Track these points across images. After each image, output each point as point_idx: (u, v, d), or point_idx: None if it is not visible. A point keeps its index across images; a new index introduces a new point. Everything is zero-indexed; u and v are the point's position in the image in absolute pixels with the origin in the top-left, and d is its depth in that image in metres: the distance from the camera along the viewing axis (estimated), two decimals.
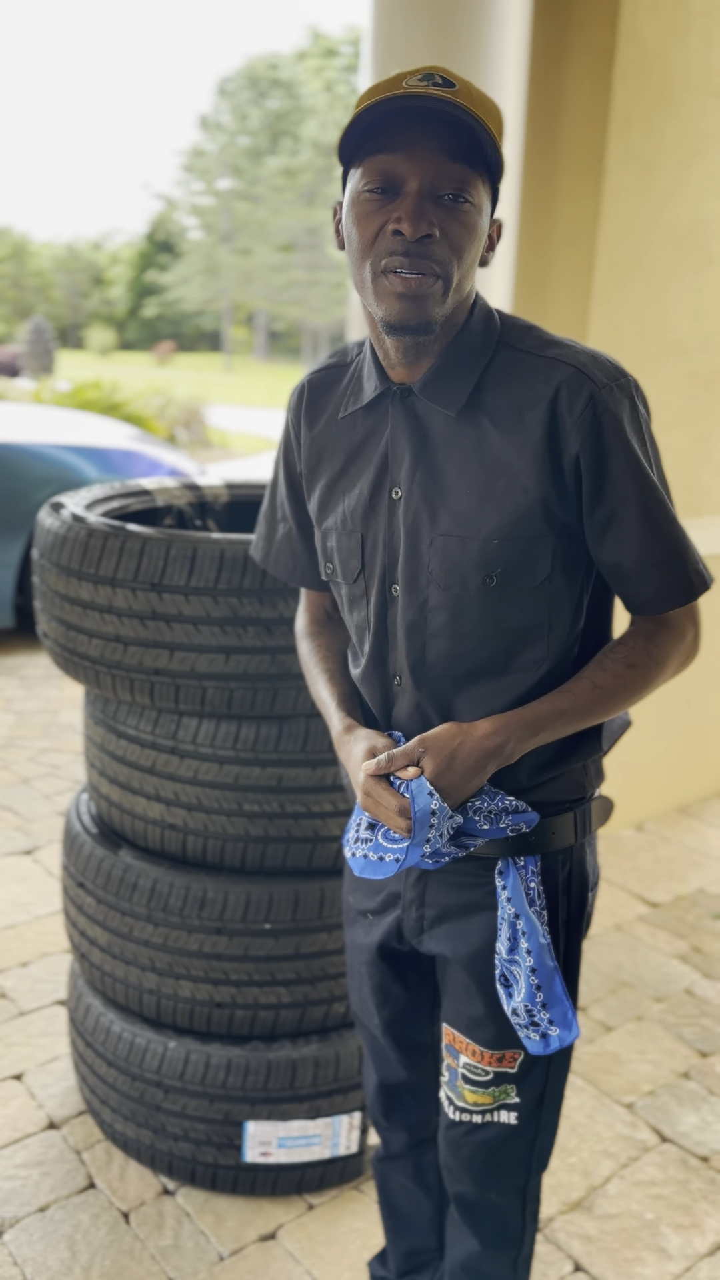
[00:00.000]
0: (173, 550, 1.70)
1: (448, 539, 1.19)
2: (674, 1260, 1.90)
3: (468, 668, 1.23)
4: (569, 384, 1.14)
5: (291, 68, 45.21)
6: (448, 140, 1.10)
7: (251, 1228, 1.93)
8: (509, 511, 1.16)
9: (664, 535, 1.18)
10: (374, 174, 1.11)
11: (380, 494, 1.25)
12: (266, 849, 1.85)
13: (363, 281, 1.16)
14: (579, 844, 1.31)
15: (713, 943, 2.92)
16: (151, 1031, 1.94)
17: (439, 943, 1.36)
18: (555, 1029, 1.25)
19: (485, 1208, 1.41)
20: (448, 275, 1.12)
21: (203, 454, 14.08)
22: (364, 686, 1.33)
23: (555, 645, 1.23)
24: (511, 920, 1.26)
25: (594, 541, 1.19)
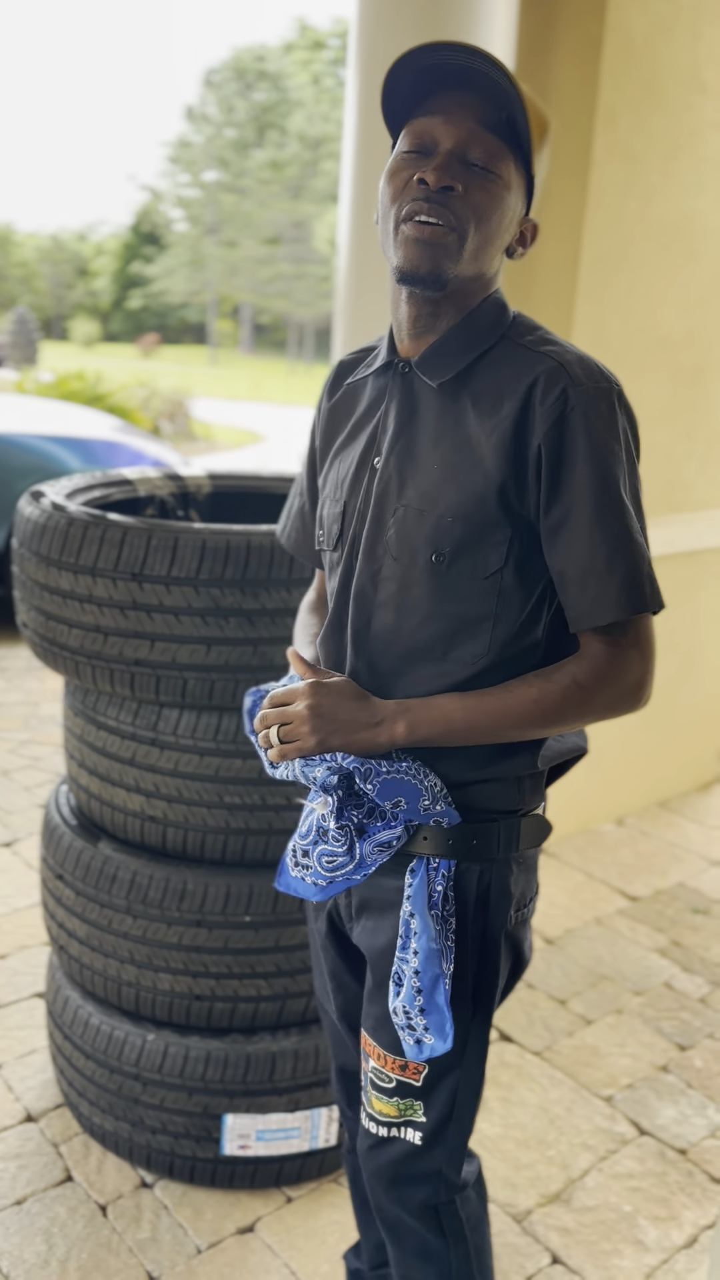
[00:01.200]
0: (154, 540, 1.69)
1: (408, 510, 1.21)
2: (651, 1252, 1.90)
3: (407, 645, 1.23)
4: (546, 375, 1.15)
5: (278, 60, 45.02)
6: (485, 111, 1.14)
7: (230, 1220, 1.92)
8: (467, 491, 1.17)
9: (613, 543, 1.14)
10: (414, 137, 1.17)
11: (366, 462, 1.27)
12: (247, 841, 1.84)
13: (386, 234, 1.19)
14: (502, 859, 1.27)
15: (692, 936, 2.93)
16: (130, 1024, 1.93)
17: (359, 936, 1.35)
18: (430, 1036, 1.22)
19: (400, 1226, 1.38)
20: (463, 231, 1.14)
21: (187, 446, 14.03)
22: (321, 650, 1.35)
23: (497, 644, 1.21)
24: (407, 918, 1.23)
25: (547, 546, 1.17)
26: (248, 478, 2.37)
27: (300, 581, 1.73)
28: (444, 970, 1.22)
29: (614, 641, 1.17)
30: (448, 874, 1.24)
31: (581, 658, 1.18)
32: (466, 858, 1.25)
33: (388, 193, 1.18)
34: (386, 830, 1.24)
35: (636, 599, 1.14)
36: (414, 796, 1.22)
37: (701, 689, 3.80)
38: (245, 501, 2.36)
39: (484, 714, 1.18)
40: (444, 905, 1.24)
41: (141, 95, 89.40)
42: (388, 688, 1.25)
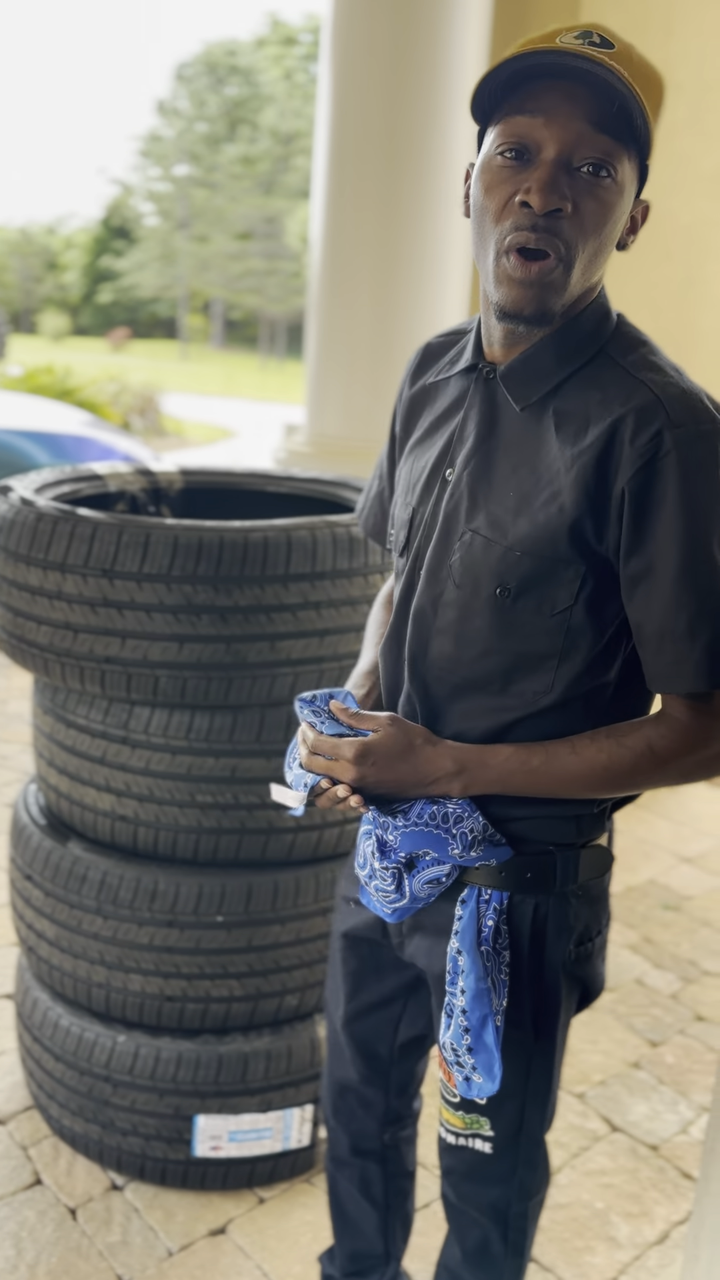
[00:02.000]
0: (125, 536, 1.67)
1: (475, 536, 1.12)
2: (624, 1249, 1.91)
3: (464, 676, 1.16)
4: (641, 411, 1.03)
5: (250, 55, 44.85)
6: (593, 106, 1.00)
7: (201, 1222, 1.91)
8: (540, 526, 1.07)
9: (698, 607, 1.02)
10: (510, 136, 1.03)
11: (439, 471, 1.19)
12: (219, 840, 1.83)
13: (483, 255, 1.08)
14: (559, 892, 1.20)
15: (662, 933, 2.95)
16: (101, 1025, 1.91)
17: (414, 954, 1.30)
18: (478, 1076, 1.18)
19: (466, 1219, 1.36)
20: (571, 259, 1.04)
21: (157, 442, 13.95)
22: (381, 660, 1.29)
23: (563, 684, 1.12)
24: (454, 955, 1.18)
25: (625, 593, 1.07)
26: (220, 474, 2.35)
27: (274, 579, 1.72)
28: (493, 1009, 1.16)
29: (698, 708, 1.07)
30: (500, 906, 1.18)
31: (660, 720, 1.09)
32: (520, 890, 1.18)
33: (487, 207, 1.06)
34: (435, 867, 1.19)
35: (718, 671, 1.04)
36: (440, 846, 1.16)
37: None
38: (218, 498, 2.34)
39: (546, 776, 1.11)
40: (495, 939, 1.18)
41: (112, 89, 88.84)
42: (441, 715, 1.20)
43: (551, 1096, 1.29)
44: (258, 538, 1.71)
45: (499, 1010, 1.17)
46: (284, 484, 2.32)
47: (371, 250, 2.81)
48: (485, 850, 1.16)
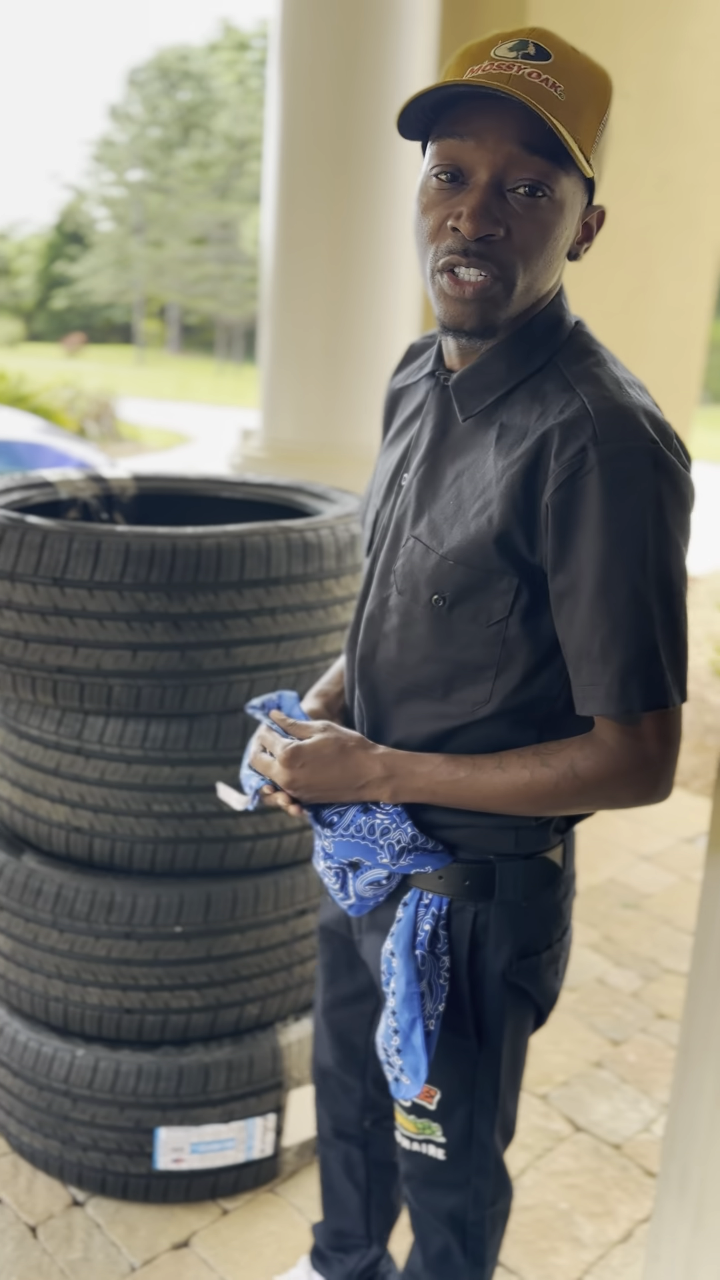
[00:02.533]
0: (75, 543, 1.65)
1: (417, 544, 1.13)
2: (588, 1249, 1.91)
3: (408, 681, 1.16)
4: (569, 425, 1.01)
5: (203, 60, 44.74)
6: (524, 128, 0.98)
7: (164, 1236, 1.89)
8: (470, 537, 1.07)
9: (612, 631, 1.00)
10: (443, 159, 1.03)
11: (398, 475, 1.20)
12: (177, 850, 1.81)
13: (423, 271, 1.08)
14: (501, 901, 1.19)
15: (623, 931, 2.97)
16: (59, 1040, 1.88)
17: (368, 952, 1.32)
18: (405, 1077, 1.18)
19: (427, 1226, 1.36)
20: (510, 278, 1.03)
21: (114, 447, 13.86)
22: (344, 659, 1.30)
23: (500, 695, 1.11)
24: (388, 956, 1.19)
25: (554, 610, 1.06)
26: (174, 479, 2.33)
27: (228, 585, 1.70)
28: (424, 1013, 1.16)
29: (624, 730, 1.04)
30: (439, 912, 1.18)
31: (587, 742, 1.07)
32: (460, 897, 1.19)
33: (422, 228, 1.06)
34: (375, 869, 1.20)
35: (631, 695, 1.01)
36: (370, 855, 1.18)
37: None
38: (172, 504, 2.32)
39: (470, 790, 1.11)
40: (433, 943, 1.18)
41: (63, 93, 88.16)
42: (386, 719, 1.21)
43: (501, 1106, 1.28)
44: (211, 544, 1.70)
45: (433, 1015, 1.17)
46: (239, 489, 2.31)
47: (324, 254, 2.81)
48: (416, 858, 1.17)
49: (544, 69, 0.99)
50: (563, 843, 1.24)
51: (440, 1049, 1.22)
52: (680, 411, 3.74)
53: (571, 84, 1.00)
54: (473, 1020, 1.22)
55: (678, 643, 1.03)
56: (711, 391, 28.24)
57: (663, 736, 1.04)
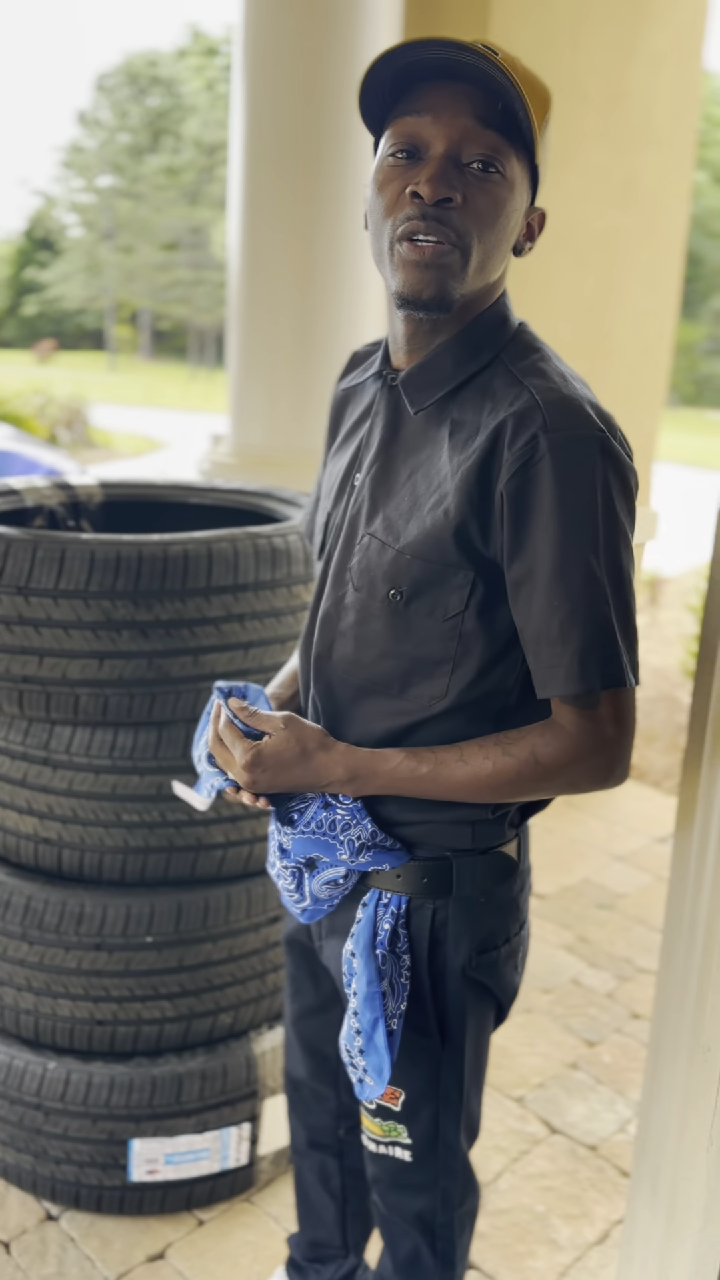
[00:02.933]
0: (40, 551, 1.64)
1: (373, 540, 1.14)
2: (564, 1251, 1.91)
3: (365, 678, 1.17)
4: (520, 416, 1.04)
5: (172, 65, 44.68)
6: (479, 103, 1.03)
7: (139, 1249, 1.87)
8: (428, 531, 1.09)
9: (570, 610, 1.03)
10: (400, 137, 1.06)
11: (349, 476, 1.22)
12: (147, 860, 1.80)
13: (380, 251, 1.10)
14: (459, 897, 1.20)
15: (597, 932, 2.98)
16: (30, 1053, 1.87)
17: (329, 959, 1.32)
18: (369, 1078, 1.18)
19: (396, 1229, 1.37)
20: (466, 246, 1.05)
21: (86, 454, 13.80)
22: (299, 660, 1.31)
23: (457, 689, 1.13)
24: (349, 956, 1.19)
25: (511, 599, 1.08)
26: (142, 486, 2.32)
27: (195, 592, 1.70)
28: (385, 1013, 1.16)
29: (582, 714, 1.06)
30: (398, 910, 1.19)
31: (547, 729, 1.09)
32: (419, 894, 1.19)
33: (379, 205, 1.08)
34: (333, 869, 1.20)
35: (589, 675, 1.03)
36: (329, 851, 1.18)
37: None
38: (140, 511, 2.31)
39: (434, 782, 1.12)
40: (393, 943, 1.18)
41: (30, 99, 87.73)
42: (343, 717, 1.21)
43: (465, 1105, 1.29)
44: (178, 551, 1.69)
45: (395, 1014, 1.17)
46: (207, 495, 2.30)
47: (290, 259, 2.81)
48: (375, 855, 1.18)
49: (482, 56, 1.02)
50: (518, 836, 1.25)
51: (403, 1049, 1.22)
52: (648, 414, 3.76)
53: (520, 77, 1.03)
54: (435, 1018, 1.23)
55: (629, 624, 1.06)
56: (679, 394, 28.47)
57: (619, 719, 1.07)
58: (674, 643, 6.18)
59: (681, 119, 3.54)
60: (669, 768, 4.27)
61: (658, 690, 5.29)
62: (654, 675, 5.54)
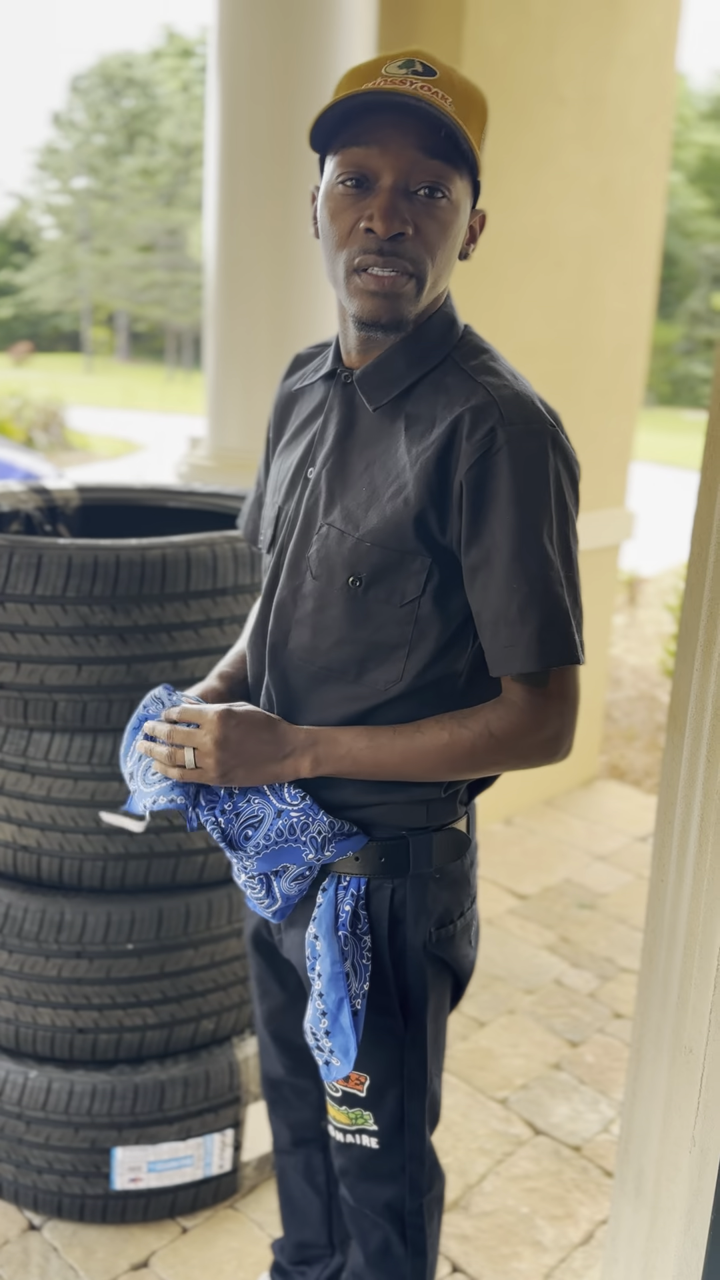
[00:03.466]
0: (15, 557, 1.62)
1: (331, 530, 1.18)
2: (549, 1252, 1.92)
3: (321, 665, 1.21)
4: (477, 410, 1.11)
5: (147, 67, 44.55)
6: (423, 134, 1.08)
7: (123, 1257, 1.86)
8: (388, 519, 1.14)
9: (528, 592, 1.09)
10: (349, 166, 1.11)
11: (301, 471, 1.25)
12: (127, 866, 1.79)
13: (335, 276, 1.15)
14: (416, 874, 1.24)
15: (579, 931, 2.98)
16: (10, 1061, 1.85)
17: (290, 950, 1.34)
18: (336, 1059, 1.21)
19: (366, 1221, 1.39)
20: (421, 274, 1.12)
21: (63, 457, 13.73)
22: (249, 652, 1.34)
23: (411, 674, 1.17)
24: (312, 940, 1.23)
25: (467, 584, 1.14)
26: (119, 490, 2.31)
27: (174, 597, 1.69)
28: (349, 993, 1.19)
29: (533, 691, 1.13)
30: (357, 892, 1.22)
31: (500, 704, 1.15)
32: (377, 875, 1.23)
33: (332, 232, 1.13)
34: (301, 867, 1.22)
35: (548, 652, 1.10)
36: (296, 856, 1.20)
37: (581, 689, 3.88)
38: (117, 515, 2.30)
39: (391, 754, 1.16)
40: (354, 924, 1.22)
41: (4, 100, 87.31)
42: (298, 704, 1.24)
43: (429, 1086, 1.32)
44: (155, 555, 1.68)
45: (359, 994, 1.20)
46: (185, 499, 2.29)
47: (267, 260, 2.80)
48: (339, 845, 1.21)
49: (432, 83, 1.09)
50: (467, 813, 1.31)
51: (367, 1033, 1.25)
52: (625, 414, 3.78)
53: (456, 97, 1.10)
54: (397, 998, 1.27)
55: (579, 604, 1.14)
56: (655, 394, 28.64)
57: (565, 694, 1.14)
58: (652, 642, 6.20)
59: (656, 120, 3.56)
60: (649, 767, 4.29)
61: (637, 690, 5.31)
62: (633, 675, 5.56)
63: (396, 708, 1.19)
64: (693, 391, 29.31)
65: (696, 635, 1.17)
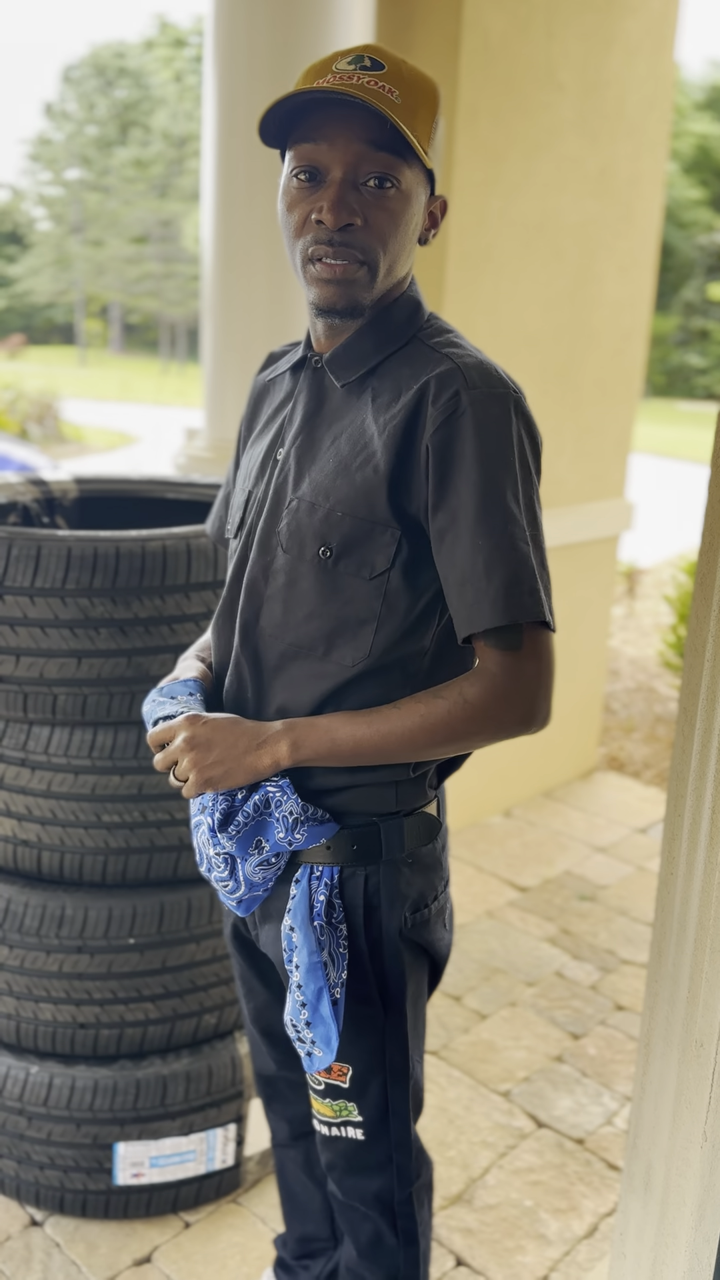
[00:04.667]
0: (14, 549, 1.61)
1: (301, 503, 1.20)
2: (553, 1245, 1.91)
3: (291, 641, 1.21)
4: (441, 377, 1.13)
5: (139, 57, 44.33)
6: (369, 128, 1.11)
7: (125, 1253, 1.85)
8: (357, 486, 1.16)
9: (493, 550, 1.10)
10: (301, 161, 1.15)
11: (271, 454, 1.27)
12: (128, 860, 1.78)
13: (294, 265, 1.19)
14: (389, 860, 1.24)
15: (580, 923, 2.98)
16: (11, 1057, 1.84)
17: (266, 944, 1.34)
18: (318, 1049, 1.21)
19: (355, 1214, 1.39)
20: (373, 262, 1.15)
21: (57, 449, 13.69)
22: (213, 635, 1.35)
23: (379, 650, 1.18)
24: (288, 931, 1.23)
25: (435, 549, 1.15)
26: (117, 481, 2.29)
27: (175, 589, 1.67)
28: (328, 982, 1.20)
29: (506, 656, 1.13)
30: (331, 881, 1.23)
31: (474, 674, 1.15)
32: (350, 862, 1.23)
33: (288, 223, 1.17)
34: (270, 848, 1.22)
35: (514, 607, 1.10)
36: (268, 832, 1.21)
37: (580, 680, 3.88)
38: (116, 506, 2.28)
39: (370, 731, 1.16)
40: (329, 913, 1.22)
41: None
42: (269, 683, 1.24)
43: (412, 1074, 1.32)
44: (156, 547, 1.66)
45: (338, 983, 1.21)
46: (184, 490, 2.27)
47: (264, 251, 2.78)
48: (310, 830, 1.20)
49: (380, 77, 1.12)
50: (437, 797, 1.31)
51: (347, 1023, 1.25)
52: (624, 404, 3.76)
53: (405, 89, 1.13)
54: (375, 986, 1.27)
55: (545, 567, 1.14)
56: (651, 384, 28.59)
57: (539, 658, 1.13)
58: (651, 633, 6.20)
59: (655, 108, 3.54)
60: (648, 758, 4.28)
61: (636, 681, 5.30)
62: (632, 666, 5.56)
63: (363, 686, 1.19)
64: (688, 382, 29.30)
65: (707, 627, 1.16)
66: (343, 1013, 1.21)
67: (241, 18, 2.66)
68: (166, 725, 1.22)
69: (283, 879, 1.26)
